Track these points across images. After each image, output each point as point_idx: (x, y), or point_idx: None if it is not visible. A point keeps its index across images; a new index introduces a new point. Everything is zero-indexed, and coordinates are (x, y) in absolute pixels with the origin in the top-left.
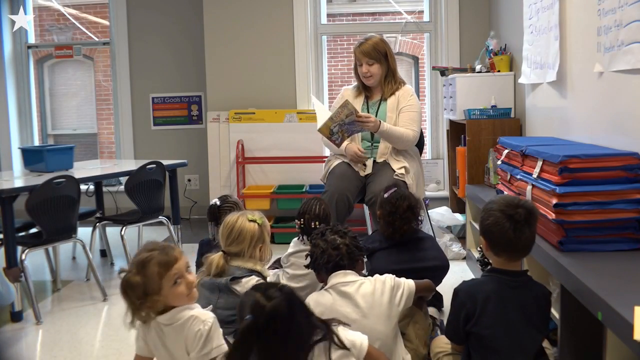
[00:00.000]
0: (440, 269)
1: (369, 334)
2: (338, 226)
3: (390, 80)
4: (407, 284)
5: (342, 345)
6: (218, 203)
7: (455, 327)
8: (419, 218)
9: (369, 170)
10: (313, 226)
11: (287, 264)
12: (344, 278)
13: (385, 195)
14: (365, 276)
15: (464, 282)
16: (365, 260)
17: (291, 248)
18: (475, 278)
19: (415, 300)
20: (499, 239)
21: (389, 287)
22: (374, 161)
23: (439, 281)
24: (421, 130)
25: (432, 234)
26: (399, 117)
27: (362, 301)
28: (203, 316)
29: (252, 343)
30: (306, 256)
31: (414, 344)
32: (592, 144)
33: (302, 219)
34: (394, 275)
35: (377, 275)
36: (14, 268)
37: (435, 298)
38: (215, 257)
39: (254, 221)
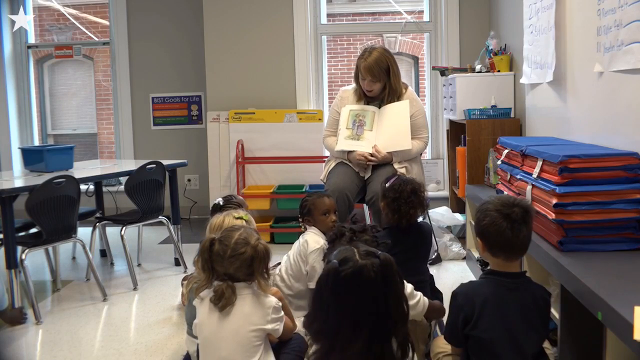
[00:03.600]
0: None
1: None
2: (355, 237)
3: (392, 98)
4: (423, 300)
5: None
6: (221, 202)
7: (453, 330)
8: (425, 203)
9: (369, 173)
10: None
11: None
12: None
13: (387, 185)
14: None
15: (462, 284)
16: None
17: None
18: (473, 280)
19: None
20: (497, 239)
21: None
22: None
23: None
24: None
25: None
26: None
27: None
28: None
29: (328, 286)
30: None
31: (414, 343)
32: (592, 144)
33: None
34: (413, 287)
35: None
36: (15, 310)
37: (434, 297)
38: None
39: (240, 218)
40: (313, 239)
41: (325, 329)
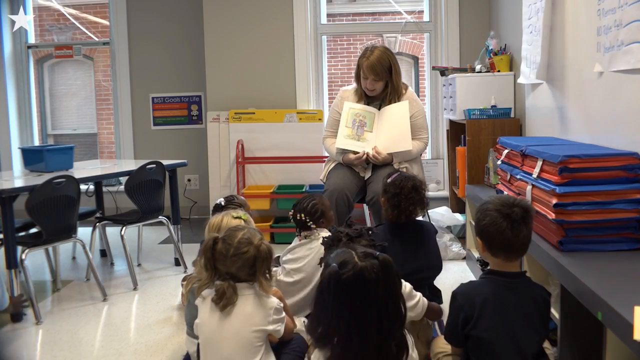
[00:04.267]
0: (436, 270)
1: None
2: (356, 242)
3: (394, 97)
4: (422, 301)
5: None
6: (223, 203)
7: (453, 330)
8: (425, 201)
9: (369, 174)
10: (298, 218)
11: (285, 259)
12: None
13: (389, 180)
14: None
15: (462, 284)
16: None
17: (292, 244)
18: (473, 280)
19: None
20: (496, 239)
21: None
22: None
23: (432, 279)
24: None
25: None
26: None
27: None
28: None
29: (330, 290)
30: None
31: (417, 345)
32: (592, 144)
33: (291, 210)
34: (412, 287)
35: None
36: (15, 298)
37: (433, 295)
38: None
39: (239, 217)
40: None
41: (330, 332)
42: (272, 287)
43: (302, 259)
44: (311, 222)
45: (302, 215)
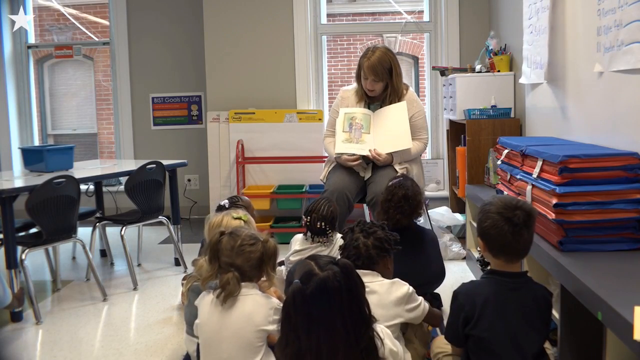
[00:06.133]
0: (437, 279)
1: None
2: (368, 224)
3: (394, 98)
4: (424, 305)
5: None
6: (227, 205)
7: (454, 329)
8: (418, 211)
9: (369, 174)
10: (318, 226)
11: (293, 259)
12: None
13: (389, 184)
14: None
15: (463, 284)
16: None
17: (297, 245)
18: (474, 280)
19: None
20: (497, 241)
21: (399, 297)
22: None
23: (433, 288)
24: None
25: None
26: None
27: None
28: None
29: (297, 307)
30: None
31: (414, 344)
32: (592, 144)
33: (308, 217)
34: (414, 290)
35: (397, 282)
36: (18, 292)
37: (433, 297)
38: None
39: (239, 218)
40: None
41: (302, 350)
42: (273, 287)
43: None
44: (330, 230)
45: (323, 223)
